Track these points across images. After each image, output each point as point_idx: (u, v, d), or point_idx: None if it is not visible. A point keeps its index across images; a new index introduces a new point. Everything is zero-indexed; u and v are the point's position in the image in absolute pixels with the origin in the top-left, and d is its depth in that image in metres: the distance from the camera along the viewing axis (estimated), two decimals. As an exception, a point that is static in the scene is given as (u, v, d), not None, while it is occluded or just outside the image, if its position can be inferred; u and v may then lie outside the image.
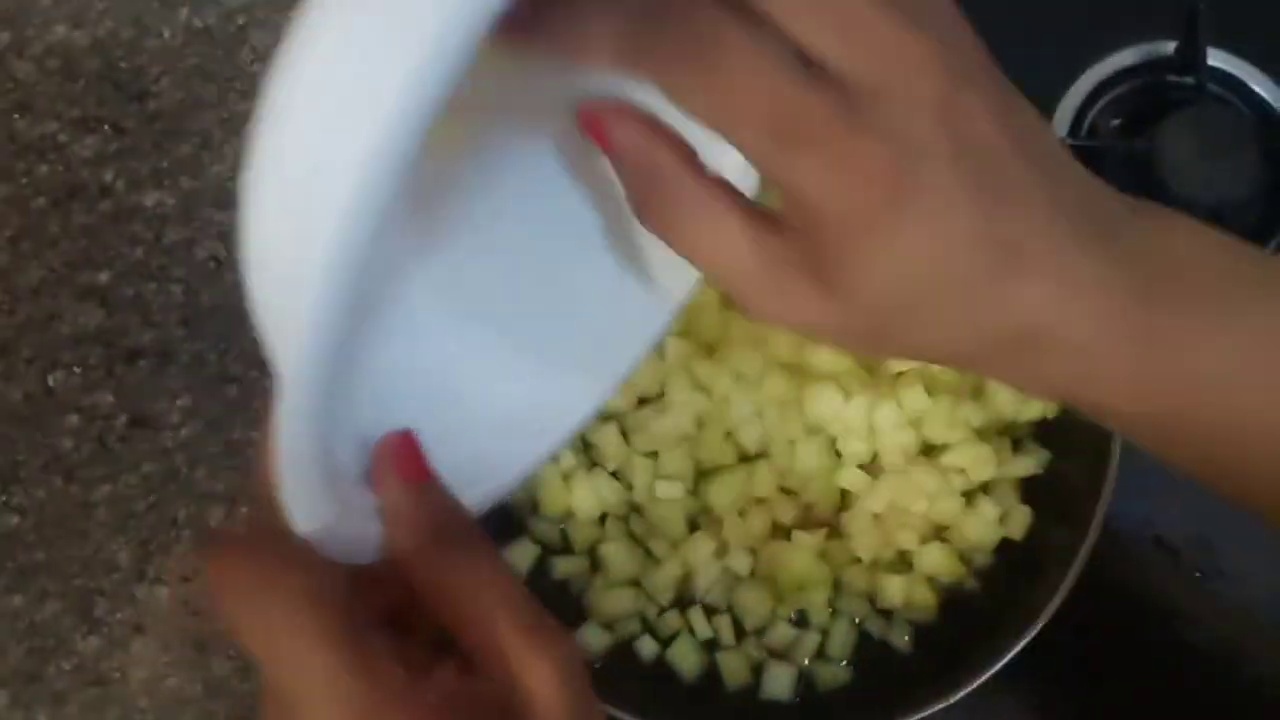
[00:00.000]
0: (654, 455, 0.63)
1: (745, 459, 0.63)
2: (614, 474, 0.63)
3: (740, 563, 0.61)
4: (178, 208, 1.50)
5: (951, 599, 0.62)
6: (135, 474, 1.41)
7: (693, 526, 0.63)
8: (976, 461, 0.61)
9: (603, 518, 0.64)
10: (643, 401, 0.64)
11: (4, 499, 1.24)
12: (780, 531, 0.62)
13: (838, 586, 0.62)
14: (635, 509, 0.64)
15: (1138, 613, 0.65)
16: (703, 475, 0.63)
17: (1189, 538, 0.66)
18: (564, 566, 0.63)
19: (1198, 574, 0.66)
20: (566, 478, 0.63)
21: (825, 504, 0.62)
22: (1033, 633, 0.55)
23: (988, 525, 0.61)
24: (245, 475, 1.34)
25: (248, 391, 1.43)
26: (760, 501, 0.62)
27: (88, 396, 1.43)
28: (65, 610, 1.38)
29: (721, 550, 0.62)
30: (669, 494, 0.62)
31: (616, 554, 0.62)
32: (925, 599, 0.61)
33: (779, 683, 0.61)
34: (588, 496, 0.62)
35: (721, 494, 0.62)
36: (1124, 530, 0.65)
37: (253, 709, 1.33)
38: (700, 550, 0.61)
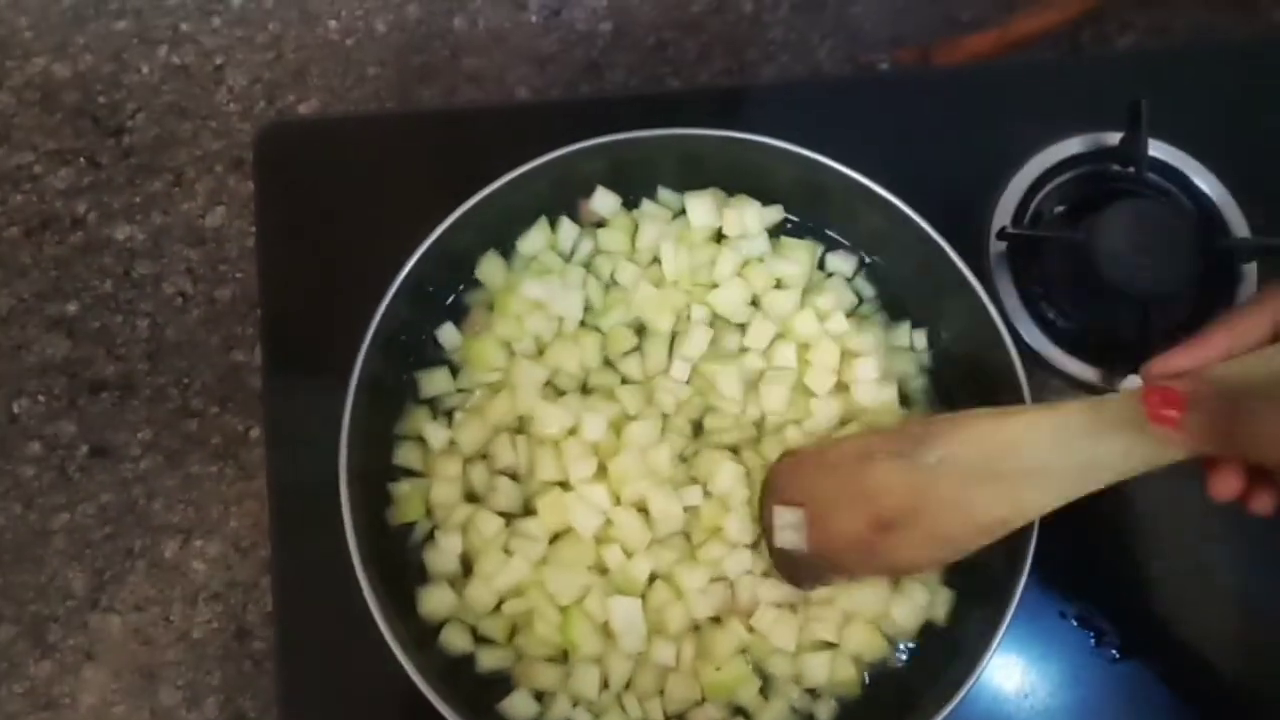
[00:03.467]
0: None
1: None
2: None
3: (665, 654, 0.62)
4: (148, 243, 1.52)
5: (876, 675, 0.64)
6: (93, 504, 1.43)
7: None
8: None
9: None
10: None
11: (-38, 525, 1.24)
12: (703, 624, 0.63)
13: (765, 678, 0.63)
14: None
15: (1054, 687, 0.67)
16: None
17: (1108, 618, 0.68)
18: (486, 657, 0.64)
19: (1114, 653, 0.68)
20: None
21: (743, 594, 0.63)
22: (951, 707, 0.57)
23: (915, 609, 0.63)
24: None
25: (207, 427, 1.44)
26: (680, 595, 0.63)
27: (51, 425, 1.45)
28: (19, 635, 1.39)
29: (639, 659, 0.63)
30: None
31: (530, 644, 0.64)
32: (849, 676, 0.63)
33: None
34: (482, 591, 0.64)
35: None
36: (1040, 611, 0.68)
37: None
38: (612, 659, 0.63)
